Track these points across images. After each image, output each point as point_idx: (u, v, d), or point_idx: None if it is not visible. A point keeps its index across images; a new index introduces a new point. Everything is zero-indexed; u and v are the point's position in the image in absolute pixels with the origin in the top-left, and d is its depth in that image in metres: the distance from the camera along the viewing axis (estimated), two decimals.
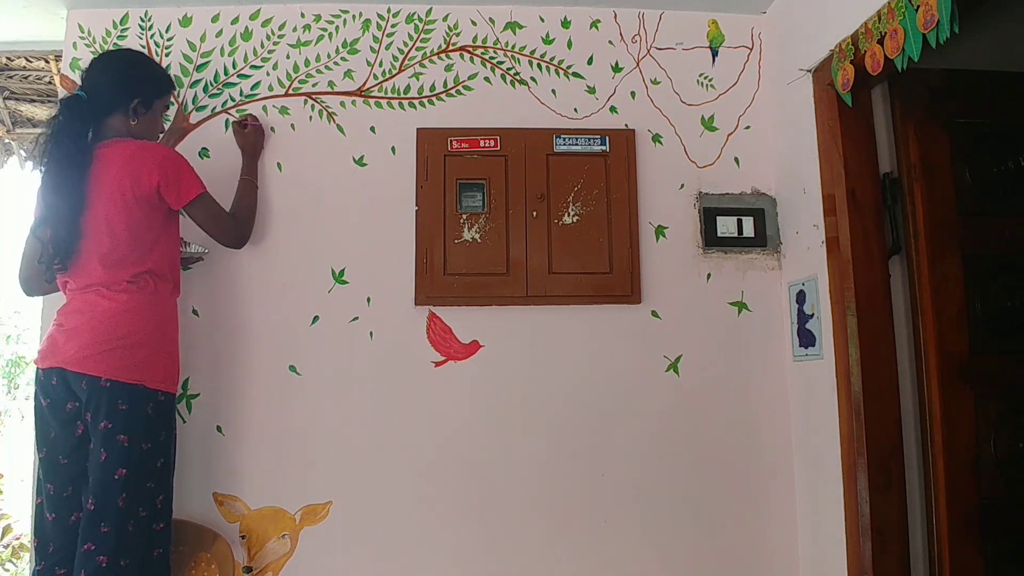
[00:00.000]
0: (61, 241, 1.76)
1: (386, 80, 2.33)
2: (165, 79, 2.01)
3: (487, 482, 2.18)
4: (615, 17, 2.40)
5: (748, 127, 2.37)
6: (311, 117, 2.30)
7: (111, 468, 1.68)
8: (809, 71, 2.09)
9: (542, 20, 2.38)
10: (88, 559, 1.65)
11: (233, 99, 2.30)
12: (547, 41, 2.38)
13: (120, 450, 1.69)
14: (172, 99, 2.06)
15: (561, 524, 2.18)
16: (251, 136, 2.21)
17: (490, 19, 2.37)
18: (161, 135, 2.03)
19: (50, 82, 2.87)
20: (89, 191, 1.78)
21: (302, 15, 2.34)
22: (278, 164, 2.28)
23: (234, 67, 2.32)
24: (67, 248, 1.77)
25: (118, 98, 1.86)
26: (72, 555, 1.70)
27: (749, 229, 2.31)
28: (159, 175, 1.82)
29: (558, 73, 2.37)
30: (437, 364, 2.22)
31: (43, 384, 1.76)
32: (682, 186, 2.34)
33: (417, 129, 2.30)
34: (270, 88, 2.31)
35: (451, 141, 2.29)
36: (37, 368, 1.79)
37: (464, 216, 2.26)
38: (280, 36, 2.33)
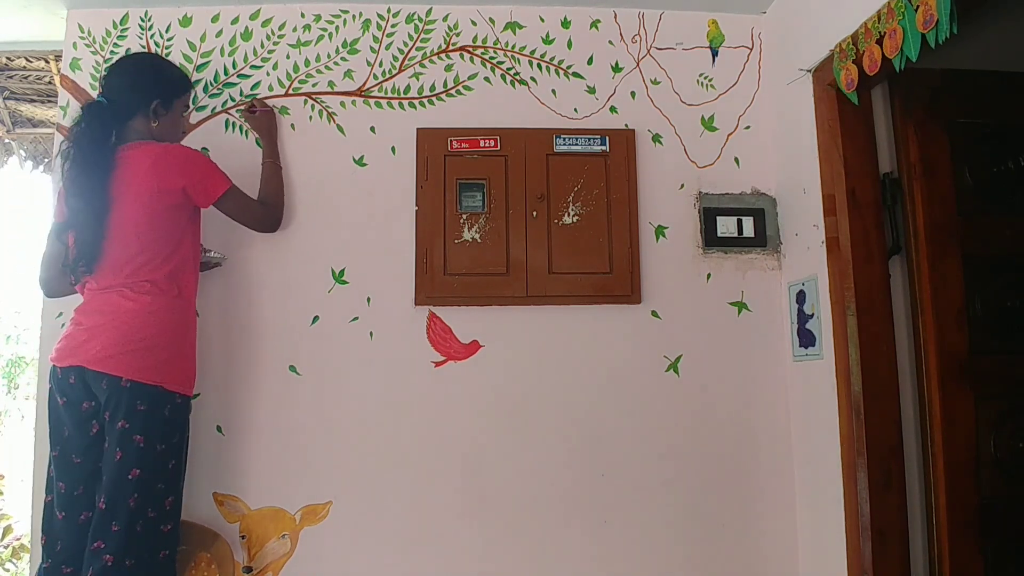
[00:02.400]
0: (86, 245, 1.77)
1: (386, 80, 2.33)
2: (182, 79, 2.03)
3: (487, 482, 2.18)
4: (615, 17, 2.40)
5: (748, 127, 2.37)
6: (311, 117, 2.30)
7: (126, 468, 1.69)
8: (809, 71, 2.08)
9: (542, 20, 2.38)
10: (96, 557, 1.66)
11: (233, 99, 2.30)
12: (547, 41, 2.38)
13: (136, 450, 1.70)
14: (191, 99, 2.07)
15: (561, 524, 2.18)
16: (262, 120, 2.23)
17: (490, 19, 2.37)
18: (184, 134, 2.04)
19: (50, 82, 2.86)
20: (113, 193, 1.79)
21: (302, 15, 2.34)
22: None
23: (234, 67, 2.32)
24: (92, 252, 1.77)
25: (138, 101, 1.89)
26: (80, 554, 1.70)
27: (749, 229, 2.30)
28: (184, 177, 1.85)
29: (558, 73, 2.37)
30: (437, 364, 2.22)
31: (60, 382, 1.77)
32: (682, 186, 2.34)
33: (417, 129, 2.30)
34: (270, 88, 2.31)
35: (451, 141, 2.29)
36: (53, 367, 1.79)
37: (464, 216, 2.26)
38: (280, 36, 2.33)
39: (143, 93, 1.90)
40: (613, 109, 2.36)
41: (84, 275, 1.80)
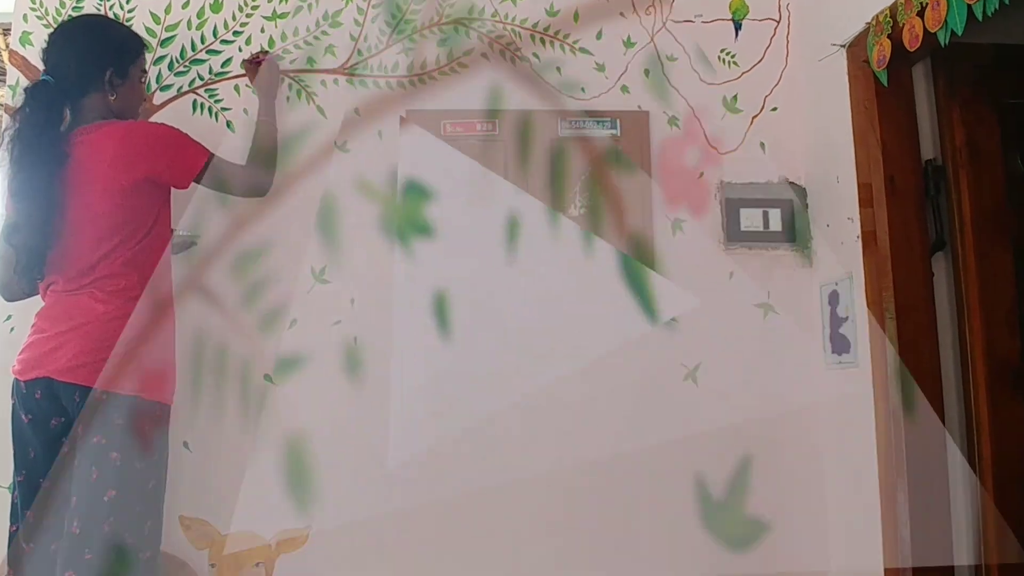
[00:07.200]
0: (35, 249, 1.69)
1: (372, 56, 2.24)
2: (135, 40, 1.90)
3: (485, 498, 2.08)
4: None
5: (775, 109, 2.28)
6: (288, 98, 2.20)
7: (101, 488, 1.61)
8: (843, 46, 2.01)
9: None
10: None
11: (201, 77, 2.20)
12: (551, 13, 2.28)
13: (113, 469, 1.62)
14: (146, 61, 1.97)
15: (568, 541, 2.10)
16: (264, 73, 2.10)
17: None
18: (144, 102, 1.97)
19: None
20: (72, 183, 1.69)
21: None
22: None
23: (202, 42, 2.22)
24: (41, 256, 1.69)
25: (90, 74, 1.77)
26: None
27: (776, 222, 2.22)
28: (155, 160, 1.75)
29: (563, 48, 2.28)
30: None
31: (25, 398, 1.69)
32: (701, 174, 2.26)
33: (407, 111, 2.22)
34: (242, 65, 2.19)
35: (445, 124, 2.21)
36: (16, 380, 1.71)
37: None
38: (254, 7, 2.23)
39: (93, 65, 1.77)
40: (624, 88, 2.27)
41: (36, 280, 1.73)
